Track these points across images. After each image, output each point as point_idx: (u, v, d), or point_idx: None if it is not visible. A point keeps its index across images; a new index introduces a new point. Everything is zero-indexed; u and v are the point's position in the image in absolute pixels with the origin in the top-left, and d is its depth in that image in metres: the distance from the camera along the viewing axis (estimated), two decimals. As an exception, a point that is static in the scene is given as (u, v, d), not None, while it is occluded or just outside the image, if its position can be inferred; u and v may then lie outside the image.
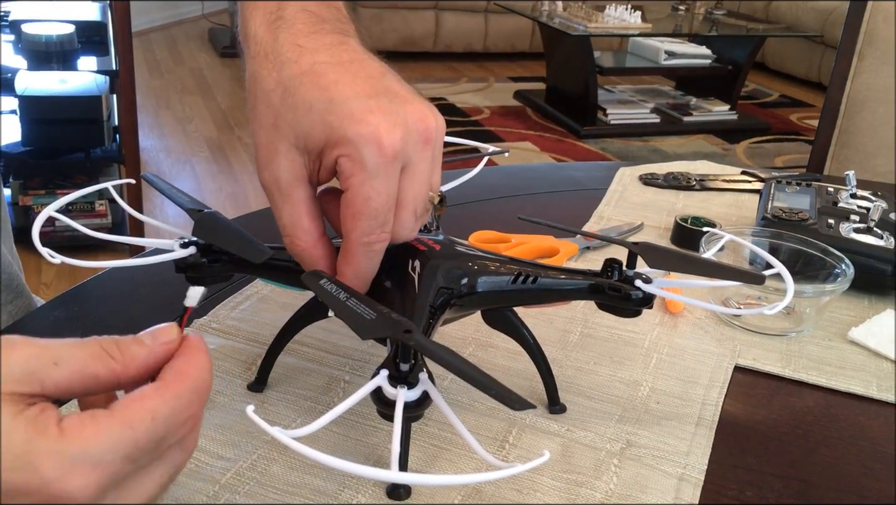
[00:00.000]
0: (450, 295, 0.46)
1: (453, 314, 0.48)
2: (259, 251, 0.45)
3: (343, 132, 0.41)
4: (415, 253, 0.47)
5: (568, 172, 1.03)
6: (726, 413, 0.54)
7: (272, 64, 0.43)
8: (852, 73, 1.38)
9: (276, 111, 0.42)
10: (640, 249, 0.49)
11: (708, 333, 0.63)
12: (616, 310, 0.49)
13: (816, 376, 0.59)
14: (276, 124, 0.42)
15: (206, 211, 0.47)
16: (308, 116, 0.41)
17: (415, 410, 0.38)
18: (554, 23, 3.81)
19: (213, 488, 0.43)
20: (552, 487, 0.45)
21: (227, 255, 0.47)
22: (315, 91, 0.41)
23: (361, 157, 0.40)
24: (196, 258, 0.47)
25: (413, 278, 0.46)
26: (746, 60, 4.09)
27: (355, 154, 0.41)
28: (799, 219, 0.74)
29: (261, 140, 0.43)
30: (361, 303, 0.39)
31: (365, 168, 0.41)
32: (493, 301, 0.49)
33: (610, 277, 0.48)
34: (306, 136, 0.42)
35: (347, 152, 0.41)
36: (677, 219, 0.80)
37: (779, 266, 0.51)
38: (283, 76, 0.42)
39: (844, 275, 0.65)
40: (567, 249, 0.74)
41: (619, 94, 4.22)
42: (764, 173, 0.99)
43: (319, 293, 0.40)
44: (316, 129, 0.41)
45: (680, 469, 0.48)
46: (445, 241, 0.49)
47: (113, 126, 2.32)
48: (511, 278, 0.48)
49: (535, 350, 0.52)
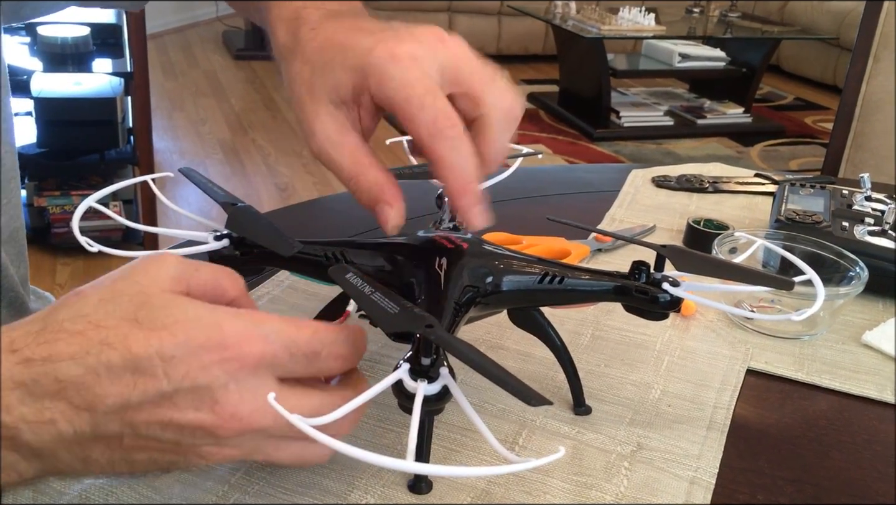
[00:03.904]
0: (475, 293, 0.46)
1: (478, 312, 0.48)
2: (289, 245, 0.47)
3: (361, 63, 0.43)
4: (442, 250, 0.48)
5: (580, 174, 1.03)
6: (738, 416, 0.53)
7: (297, 53, 0.47)
8: (867, 76, 1.38)
9: (308, 83, 0.45)
10: (668, 252, 0.49)
11: (720, 335, 0.63)
12: (643, 312, 0.48)
13: (830, 380, 0.58)
14: (310, 93, 0.45)
15: (240, 205, 0.48)
16: (332, 72, 0.44)
17: (435, 404, 0.38)
18: (567, 25, 3.81)
19: (223, 488, 0.43)
20: (562, 489, 0.45)
21: (258, 248, 0.48)
22: (332, 50, 0.45)
23: (383, 72, 0.42)
24: (229, 251, 0.48)
25: (439, 275, 0.46)
26: (761, 63, 4.07)
27: (377, 77, 0.42)
28: (813, 221, 0.74)
29: (304, 113, 0.45)
30: (385, 297, 0.40)
31: (392, 77, 0.42)
32: (519, 300, 0.49)
33: (637, 279, 0.48)
34: (337, 88, 0.44)
35: (373, 81, 0.43)
36: (690, 221, 0.79)
37: (809, 272, 0.50)
38: (307, 55, 0.46)
39: (859, 278, 0.64)
40: (579, 251, 0.74)
41: (633, 96, 4.21)
42: (777, 176, 0.98)
43: (345, 286, 0.41)
44: (343, 78, 0.44)
45: (691, 472, 0.47)
46: (473, 239, 0.50)
47: (127, 128, 2.34)
48: (537, 278, 0.48)
49: (562, 351, 0.52)
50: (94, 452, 0.35)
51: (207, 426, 0.35)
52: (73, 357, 0.34)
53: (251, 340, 0.36)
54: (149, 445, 0.36)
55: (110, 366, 0.34)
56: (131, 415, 0.34)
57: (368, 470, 0.45)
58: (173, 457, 0.36)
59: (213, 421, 0.35)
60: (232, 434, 0.35)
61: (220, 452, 0.36)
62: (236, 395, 0.35)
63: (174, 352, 0.34)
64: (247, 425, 0.35)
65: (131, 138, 2.34)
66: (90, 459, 0.36)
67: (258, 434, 0.36)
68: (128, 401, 0.34)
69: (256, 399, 0.35)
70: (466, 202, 0.43)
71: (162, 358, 0.34)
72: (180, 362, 0.34)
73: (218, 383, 0.35)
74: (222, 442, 0.36)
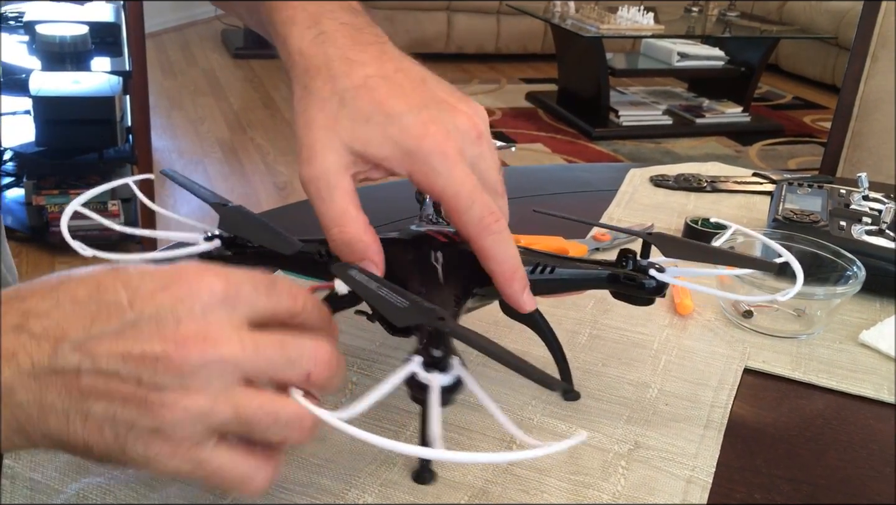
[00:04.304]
0: (471, 285, 0.47)
1: (474, 303, 0.49)
2: (289, 243, 0.46)
3: (407, 147, 0.44)
4: (437, 245, 0.48)
5: (578, 174, 1.03)
6: (735, 415, 0.53)
7: (325, 76, 0.46)
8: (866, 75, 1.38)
9: (334, 117, 0.45)
10: (654, 239, 0.51)
11: (717, 335, 0.63)
12: (631, 298, 0.50)
13: (827, 379, 0.58)
14: (332, 127, 0.45)
15: (231, 205, 0.47)
16: (367, 127, 0.45)
17: (449, 395, 0.38)
18: (566, 24, 3.81)
19: (221, 487, 0.43)
20: (559, 489, 0.45)
21: (252, 248, 0.48)
22: (371, 105, 0.45)
23: (433, 166, 0.44)
24: (221, 251, 0.47)
25: (437, 269, 0.47)
26: (760, 62, 4.07)
27: (427, 167, 0.44)
28: (810, 221, 0.74)
29: (310, 139, 0.45)
30: (393, 292, 0.40)
31: (441, 174, 0.44)
32: None
33: (624, 266, 0.50)
34: (366, 143, 0.45)
35: (418, 167, 0.44)
36: (688, 220, 0.79)
37: (787, 255, 0.53)
38: (338, 88, 0.45)
39: (856, 277, 0.64)
40: (577, 250, 0.74)
41: (632, 95, 4.21)
42: (775, 175, 0.98)
43: (350, 283, 0.41)
44: (375, 140, 0.44)
45: (688, 471, 0.47)
46: None
47: (126, 127, 2.34)
48: (529, 269, 0.48)
49: (550, 337, 0.52)
50: (50, 394, 0.34)
51: (170, 355, 0.33)
52: (42, 294, 0.35)
53: (216, 274, 0.36)
54: (108, 389, 0.34)
55: (76, 299, 0.34)
56: (92, 346, 0.34)
57: (366, 469, 0.45)
58: (134, 413, 0.34)
59: (176, 348, 0.33)
60: (196, 361, 0.34)
61: (186, 399, 0.34)
62: (201, 319, 0.34)
63: (140, 284, 0.35)
64: (212, 348, 0.34)
65: (130, 137, 2.34)
66: (46, 405, 0.34)
67: (226, 368, 0.34)
68: (89, 332, 0.34)
69: (223, 327, 0.35)
70: (516, 289, 0.46)
71: (128, 288, 0.35)
72: (146, 293, 0.34)
73: (183, 309, 0.34)
74: (187, 381, 0.34)
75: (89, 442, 0.34)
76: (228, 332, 0.35)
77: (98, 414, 0.34)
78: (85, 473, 0.43)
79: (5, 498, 0.42)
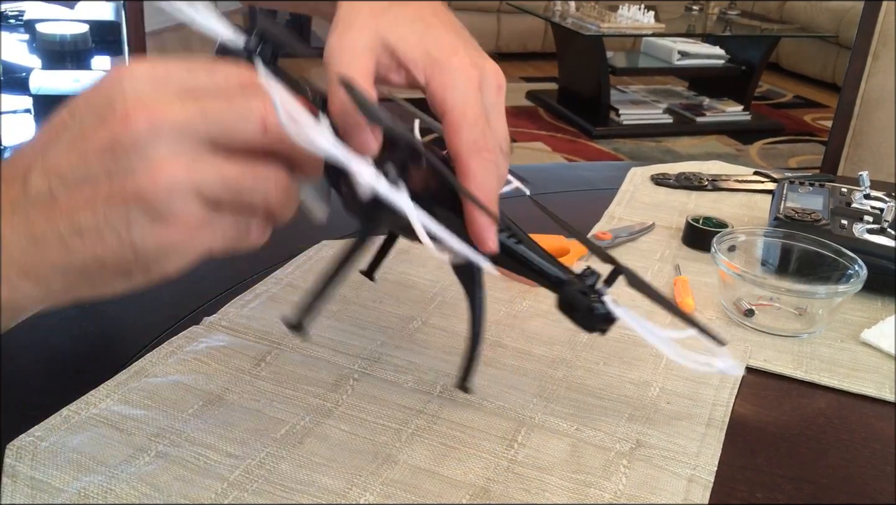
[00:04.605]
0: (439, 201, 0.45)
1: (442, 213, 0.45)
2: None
3: (436, 57, 0.46)
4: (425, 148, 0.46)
5: (579, 172, 1.03)
6: (737, 414, 0.53)
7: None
8: (866, 74, 1.38)
9: (381, 10, 0.47)
10: (626, 271, 0.46)
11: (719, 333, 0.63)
12: (573, 314, 0.46)
13: (828, 378, 0.58)
14: (376, 15, 0.47)
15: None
16: (407, 28, 0.47)
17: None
18: (566, 23, 3.81)
19: (222, 486, 0.43)
20: (561, 487, 0.45)
21: None
22: (415, 14, 0.48)
23: (453, 80, 0.45)
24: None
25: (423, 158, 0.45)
26: (760, 61, 4.07)
27: (447, 79, 0.45)
28: (812, 219, 0.74)
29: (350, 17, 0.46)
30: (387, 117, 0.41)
31: (457, 88, 0.45)
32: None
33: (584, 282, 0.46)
34: (400, 39, 0.46)
35: (438, 78, 0.45)
36: (689, 219, 0.79)
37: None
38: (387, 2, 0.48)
39: (857, 276, 0.64)
40: (577, 249, 0.74)
41: (632, 94, 4.21)
42: (776, 174, 0.98)
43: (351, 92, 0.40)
44: (411, 41, 0.46)
45: (690, 470, 0.47)
46: None
47: (126, 125, 2.33)
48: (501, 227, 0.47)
49: (477, 317, 0.49)
50: (38, 225, 0.34)
51: (118, 136, 0.33)
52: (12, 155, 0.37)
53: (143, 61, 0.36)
54: (87, 197, 0.34)
55: (32, 137, 0.36)
56: (52, 165, 0.34)
57: (367, 468, 0.45)
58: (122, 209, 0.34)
59: (121, 127, 0.33)
60: (144, 130, 0.33)
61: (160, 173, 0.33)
62: (135, 97, 0.34)
63: (75, 98, 0.36)
64: (155, 114, 0.34)
65: (130, 136, 2.34)
66: (38, 237, 0.34)
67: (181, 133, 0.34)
68: (46, 155, 0.35)
69: (158, 97, 0.34)
70: (484, 221, 0.44)
71: (67, 106, 0.36)
72: (80, 100, 0.35)
73: (116, 95, 0.34)
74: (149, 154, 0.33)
75: (98, 255, 0.35)
76: (165, 100, 0.34)
77: (90, 225, 0.34)
78: (86, 472, 0.43)
79: (6, 497, 0.41)
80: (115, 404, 0.49)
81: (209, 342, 0.56)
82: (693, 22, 4.28)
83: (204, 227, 0.35)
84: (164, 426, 0.48)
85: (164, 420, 0.48)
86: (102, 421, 0.48)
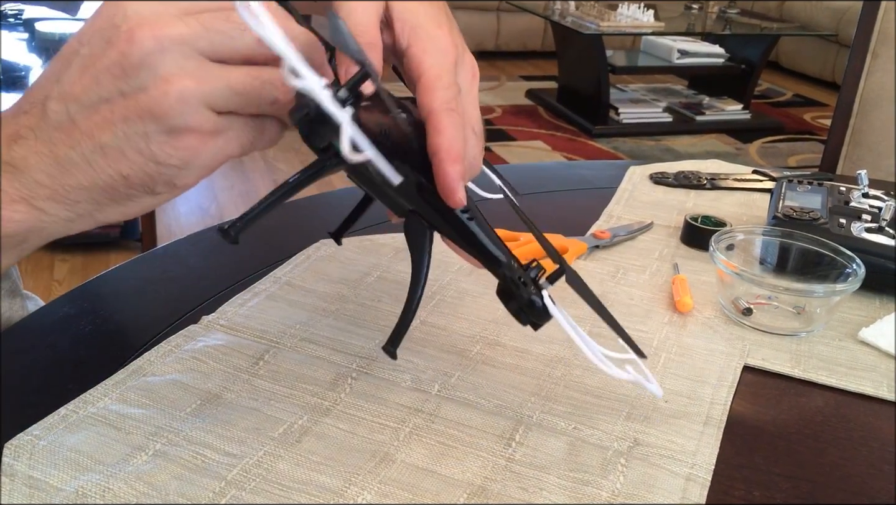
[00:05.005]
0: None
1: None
2: None
3: (421, 23, 0.47)
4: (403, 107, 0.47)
5: (578, 171, 1.03)
6: (735, 413, 0.53)
7: None
8: (866, 72, 1.38)
9: None
10: (567, 268, 0.47)
11: (717, 332, 0.63)
12: (508, 303, 0.47)
13: (826, 377, 0.58)
14: None
15: None
16: None
17: None
18: (566, 21, 3.81)
19: (220, 485, 0.43)
20: (558, 486, 0.45)
21: None
22: None
23: (433, 47, 0.46)
24: None
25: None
26: (760, 59, 4.07)
27: (427, 44, 0.46)
28: (810, 218, 0.74)
29: None
30: None
31: (435, 55, 0.46)
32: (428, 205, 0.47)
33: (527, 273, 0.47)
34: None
35: (419, 43, 0.46)
36: (687, 218, 0.79)
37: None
38: None
39: (855, 275, 0.64)
40: (576, 248, 0.74)
41: (632, 93, 4.21)
42: (775, 172, 0.98)
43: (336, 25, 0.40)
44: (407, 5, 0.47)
45: (687, 469, 0.47)
46: None
47: (125, 124, 2.33)
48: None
49: (418, 282, 0.48)
50: (61, 148, 0.36)
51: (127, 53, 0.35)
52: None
53: None
54: (104, 117, 0.36)
55: (45, 69, 0.38)
56: (67, 90, 0.36)
57: (365, 467, 0.45)
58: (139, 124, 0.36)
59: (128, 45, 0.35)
60: (151, 45, 0.35)
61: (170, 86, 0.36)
62: (137, 16, 0.36)
63: (84, 26, 0.38)
64: (159, 30, 0.36)
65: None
66: (62, 160, 0.37)
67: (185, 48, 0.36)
68: (61, 82, 0.37)
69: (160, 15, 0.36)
70: (452, 171, 0.43)
71: (74, 37, 0.38)
72: (86, 28, 0.38)
73: (119, 18, 0.36)
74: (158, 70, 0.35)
75: (122, 172, 0.37)
76: (167, 17, 0.36)
77: (110, 142, 0.36)
78: (84, 470, 0.43)
79: (5, 496, 0.41)
80: (113, 403, 0.49)
81: (207, 341, 0.56)
82: (693, 20, 4.28)
83: (218, 134, 0.38)
84: (161, 425, 0.48)
85: (162, 419, 0.48)
86: (100, 420, 0.48)
